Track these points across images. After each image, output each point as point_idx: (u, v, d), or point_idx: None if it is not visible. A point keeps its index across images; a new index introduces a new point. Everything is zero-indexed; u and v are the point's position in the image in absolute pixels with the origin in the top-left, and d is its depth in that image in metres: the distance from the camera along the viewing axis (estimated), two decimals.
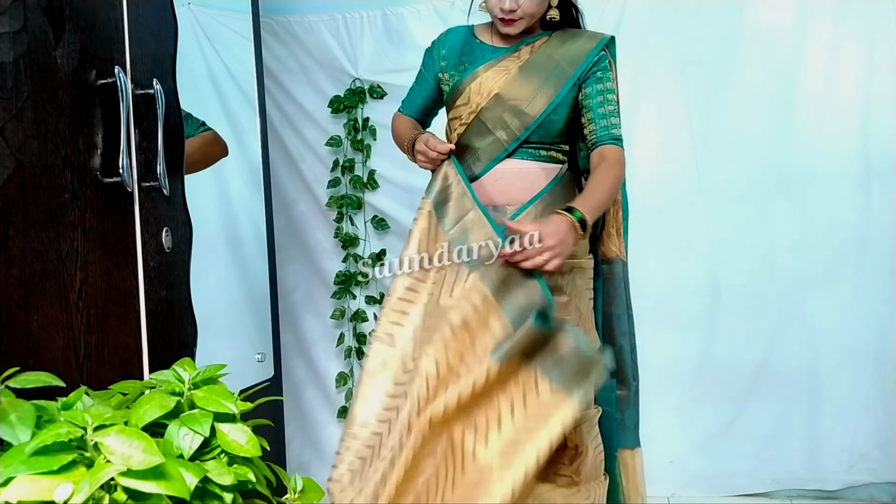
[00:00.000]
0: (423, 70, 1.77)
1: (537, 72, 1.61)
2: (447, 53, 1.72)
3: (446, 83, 1.70)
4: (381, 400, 1.43)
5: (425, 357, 1.36)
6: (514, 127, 1.61)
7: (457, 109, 1.68)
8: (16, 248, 1.01)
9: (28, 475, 0.66)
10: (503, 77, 1.62)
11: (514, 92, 1.61)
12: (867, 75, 2.43)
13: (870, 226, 2.44)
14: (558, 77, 1.60)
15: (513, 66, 1.63)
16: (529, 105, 1.60)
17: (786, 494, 2.48)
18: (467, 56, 1.68)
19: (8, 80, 1.02)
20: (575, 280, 1.59)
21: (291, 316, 2.85)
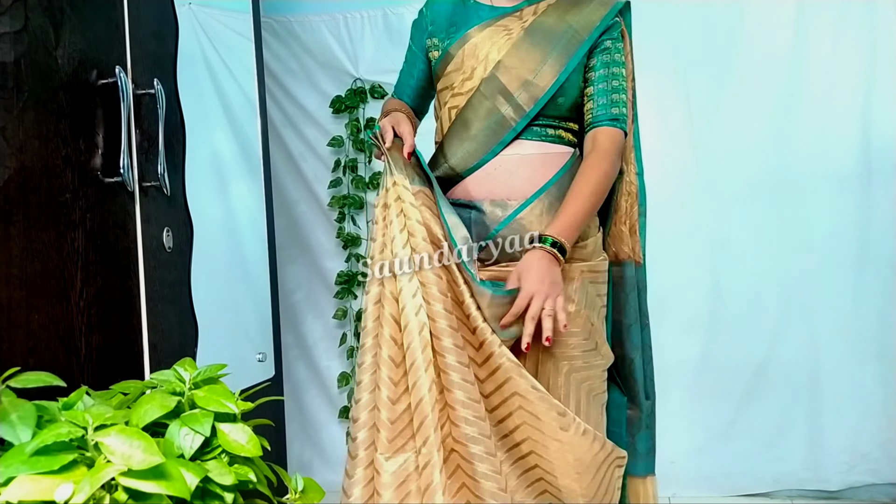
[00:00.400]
0: (411, 45, 1.56)
1: (546, 36, 1.38)
2: (435, 18, 1.51)
3: (435, 48, 1.48)
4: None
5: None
6: (522, 101, 1.38)
7: (447, 77, 1.45)
8: (16, 248, 1.01)
9: (29, 475, 0.66)
10: (504, 40, 1.40)
11: (521, 59, 1.38)
12: (867, 75, 2.43)
13: (870, 226, 2.44)
14: (569, 42, 1.38)
15: (515, 27, 1.41)
16: (539, 75, 1.37)
17: (786, 495, 2.48)
18: (459, 17, 1.47)
19: (9, 80, 1.02)
20: (585, 286, 1.39)
21: (293, 316, 2.85)
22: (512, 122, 1.39)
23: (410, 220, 1.33)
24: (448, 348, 1.27)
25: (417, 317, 1.29)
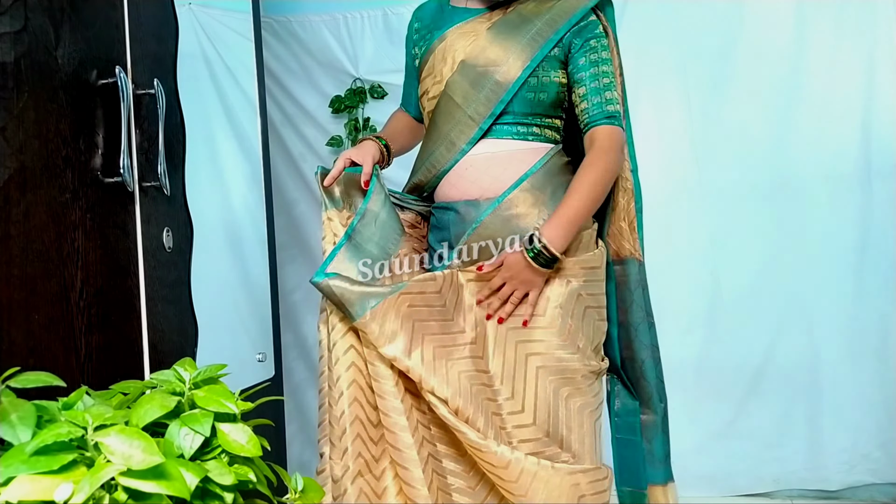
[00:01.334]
0: (406, 49, 1.59)
1: (510, 32, 1.36)
2: (420, 25, 1.53)
3: (417, 56, 1.50)
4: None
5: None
6: (486, 98, 1.36)
7: (423, 83, 1.46)
8: (16, 248, 1.01)
9: (28, 475, 0.66)
10: (470, 40, 1.39)
11: (485, 57, 1.36)
12: (867, 75, 2.43)
13: (870, 226, 2.44)
14: (535, 37, 1.36)
15: (481, 27, 1.39)
16: (501, 72, 1.35)
17: (787, 494, 2.48)
18: (439, 21, 1.47)
19: (9, 80, 1.02)
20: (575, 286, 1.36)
21: (292, 316, 2.85)
22: (478, 119, 1.37)
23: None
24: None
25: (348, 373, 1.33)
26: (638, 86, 2.58)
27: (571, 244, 1.34)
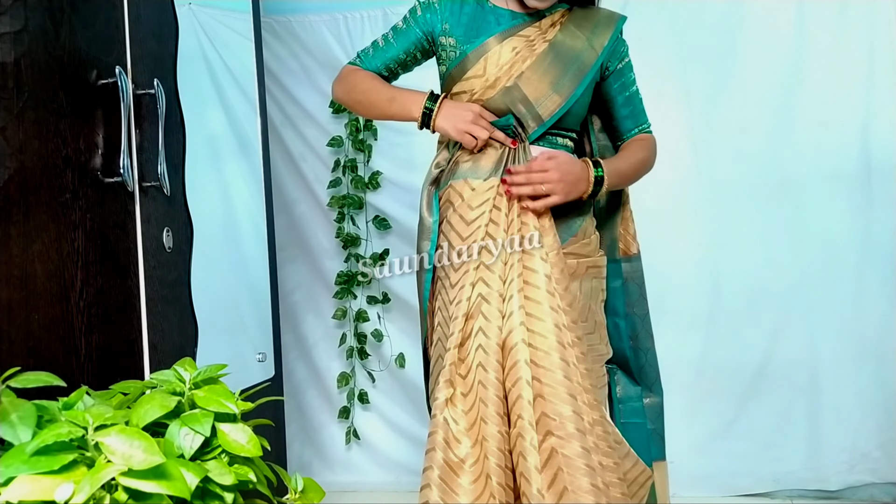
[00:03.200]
0: (412, 22, 1.55)
1: (564, 58, 1.46)
2: (452, 12, 1.52)
3: (451, 48, 1.50)
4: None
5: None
6: (541, 112, 1.46)
7: (467, 82, 1.49)
8: (16, 248, 1.01)
9: (29, 475, 0.66)
10: (528, 52, 1.46)
11: (542, 74, 1.45)
12: (867, 75, 2.43)
13: (870, 226, 2.44)
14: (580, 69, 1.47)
15: (538, 41, 1.47)
16: (554, 92, 1.45)
17: (787, 494, 2.48)
18: (479, 21, 1.49)
19: (9, 79, 1.02)
20: (590, 281, 1.50)
21: (292, 316, 2.85)
22: (531, 129, 1.48)
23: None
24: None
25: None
26: (638, 85, 2.58)
27: (583, 247, 1.51)
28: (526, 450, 1.28)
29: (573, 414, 1.29)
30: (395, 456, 2.78)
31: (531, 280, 1.37)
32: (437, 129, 1.47)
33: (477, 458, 1.31)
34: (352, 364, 2.82)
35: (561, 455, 1.27)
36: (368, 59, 1.58)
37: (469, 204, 1.45)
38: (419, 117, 1.47)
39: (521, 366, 1.31)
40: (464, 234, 1.44)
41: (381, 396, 2.81)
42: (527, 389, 1.30)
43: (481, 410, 1.33)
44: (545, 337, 1.33)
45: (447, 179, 1.51)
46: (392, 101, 1.52)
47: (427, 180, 1.54)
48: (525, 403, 1.29)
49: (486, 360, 1.34)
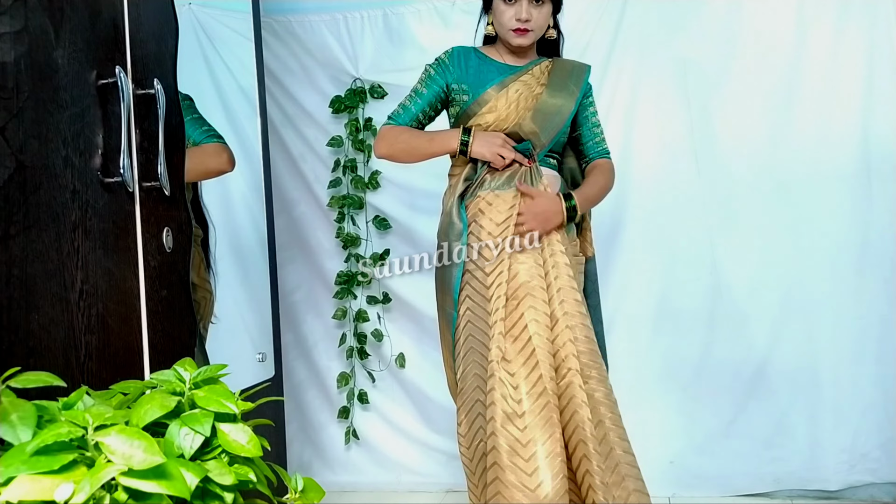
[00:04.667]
0: (429, 81, 1.92)
1: (554, 104, 1.88)
2: (459, 66, 1.91)
3: (464, 93, 1.89)
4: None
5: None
6: (543, 139, 1.87)
7: (482, 117, 1.87)
8: (16, 248, 1.01)
9: (29, 475, 0.66)
10: (527, 93, 1.88)
11: (544, 113, 1.87)
12: (867, 75, 2.43)
13: (870, 226, 2.44)
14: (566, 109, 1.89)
15: (534, 84, 1.89)
16: (552, 125, 1.88)
17: (786, 494, 2.48)
18: (485, 71, 1.89)
19: (9, 79, 1.02)
20: (577, 275, 1.86)
21: (292, 316, 2.85)
22: (538, 151, 1.88)
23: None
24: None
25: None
26: (638, 86, 2.59)
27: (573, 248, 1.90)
28: (576, 390, 1.69)
29: (596, 365, 1.74)
30: (395, 456, 2.78)
31: (560, 269, 1.79)
32: (474, 154, 1.84)
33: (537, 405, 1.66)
34: (352, 364, 2.82)
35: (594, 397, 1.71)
36: (400, 117, 1.93)
37: (498, 209, 1.82)
38: (457, 147, 1.85)
39: (564, 332, 1.74)
40: (494, 233, 1.80)
41: (381, 396, 2.81)
42: (572, 347, 1.72)
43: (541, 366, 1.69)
44: (573, 313, 1.75)
45: (475, 192, 1.86)
46: (432, 141, 1.89)
47: (456, 192, 1.87)
48: (572, 358, 1.71)
49: (540, 329, 1.72)
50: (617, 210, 2.58)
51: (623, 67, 2.59)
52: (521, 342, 1.72)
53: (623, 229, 2.60)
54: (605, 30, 2.58)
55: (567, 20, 2.25)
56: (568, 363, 1.72)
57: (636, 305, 2.59)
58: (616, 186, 2.46)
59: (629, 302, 2.57)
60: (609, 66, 2.58)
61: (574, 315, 1.76)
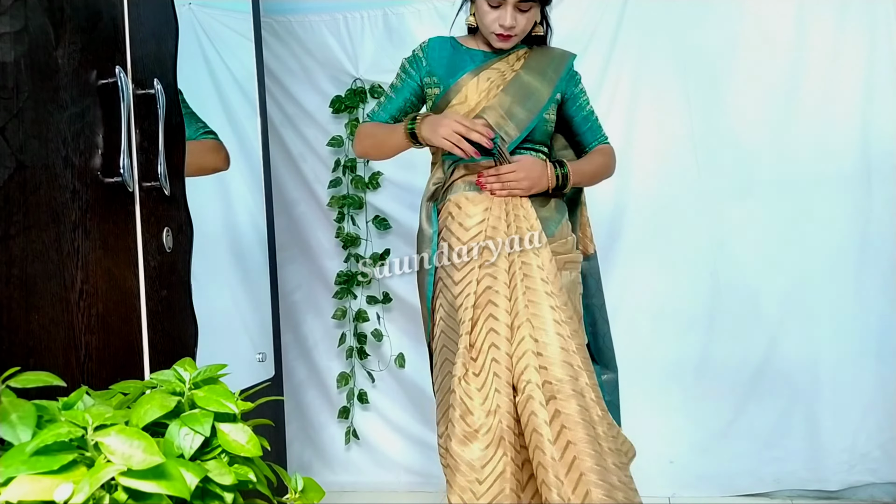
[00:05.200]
0: (404, 76, 1.84)
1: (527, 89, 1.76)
2: (432, 60, 1.82)
3: (435, 85, 1.80)
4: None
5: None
6: (516, 125, 1.73)
7: (451, 108, 1.76)
8: (16, 248, 1.01)
9: (28, 475, 0.66)
10: (500, 80, 1.76)
11: (512, 95, 1.74)
12: (867, 75, 2.43)
13: (870, 226, 2.44)
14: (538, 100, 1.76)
15: (507, 71, 1.77)
16: (523, 111, 1.74)
17: (787, 494, 2.48)
18: (458, 60, 1.80)
19: (9, 80, 1.02)
20: (570, 274, 1.75)
21: (292, 316, 2.85)
22: (508, 139, 1.73)
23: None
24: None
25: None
26: (638, 86, 2.59)
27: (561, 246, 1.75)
28: (536, 408, 1.54)
29: (570, 378, 1.56)
30: (395, 456, 2.78)
31: (529, 272, 1.64)
32: (423, 139, 1.69)
33: (489, 426, 1.56)
34: (351, 364, 2.82)
35: (563, 414, 1.54)
36: (377, 115, 1.87)
37: (466, 213, 1.71)
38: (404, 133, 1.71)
39: (526, 341, 1.59)
40: (463, 239, 1.69)
41: (380, 396, 2.81)
42: (533, 359, 1.57)
43: (495, 382, 1.57)
44: (543, 318, 1.60)
45: (445, 195, 1.76)
46: (392, 132, 1.77)
47: (425, 196, 1.78)
48: (532, 370, 1.56)
49: (498, 340, 1.60)
50: (617, 210, 2.58)
51: (623, 67, 2.59)
52: (482, 356, 1.60)
53: (623, 229, 2.60)
54: (605, 30, 2.58)
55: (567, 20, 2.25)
56: (527, 376, 1.57)
57: (636, 305, 2.59)
58: (616, 186, 2.45)
59: (629, 302, 2.57)
60: (609, 66, 2.58)
61: (544, 322, 1.60)
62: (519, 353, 1.59)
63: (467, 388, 1.58)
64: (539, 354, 1.57)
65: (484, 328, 1.61)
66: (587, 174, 1.83)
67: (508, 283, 1.64)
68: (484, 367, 1.59)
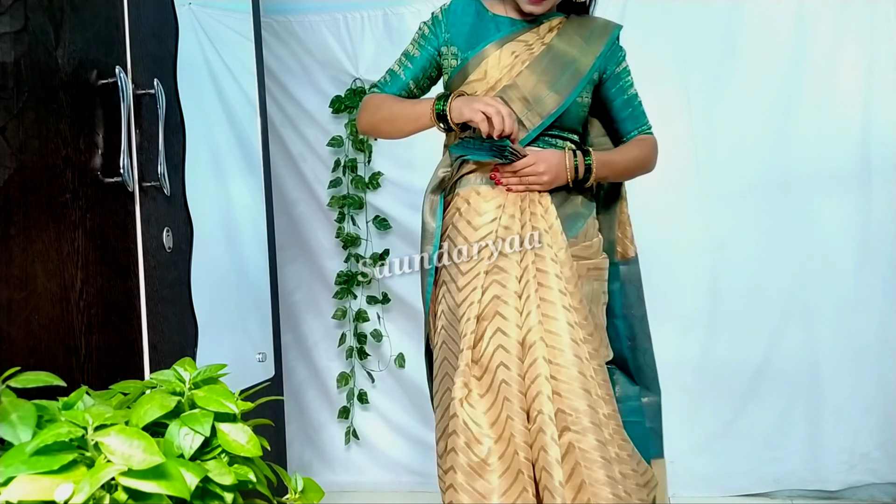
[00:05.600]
0: (423, 42, 1.60)
1: (559, 62, 1.52)
2: (452, 26, 1.57)
3: (453, 56, 1.56)
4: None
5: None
6: (539, 112, 1.50)
7: (469, 85, 1.54)
8: (16, 248, 1.01)
9: (29, 475, 0.66)
10: (527, 54, 1.52)
11: (539, 74, 1.50)
12: (867, 75, 2.43)
13: (870, 226, 2.44)
14: (573, 75, 1.52)
15: (536, 44, 1.53)
16: (550, 95, 1.50)
17: (787, 495, 2.48)
18: (481, 28, 1.56)
19: (9, 80, 1.02)
20: (591, 283, 1.53)
21: (292, 316, 2.85)
22: (529, 127, 1.51)
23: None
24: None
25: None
26: (638, 86, 2.58)
27: (584, 250, 1.52)
28: (547, 444, 1.31)
29: (588, 408, 1.33)
30: (395, 456, 2.78)
31: (544, 281, 1.40)
32: (453, 120, 1.47)
33: (502, 454, 1.34)
34: (351, 364, 2.82)
35: (578, 449, 1.31)
36: (387, 86, 1.62)
37: (476, 209, 1.49)
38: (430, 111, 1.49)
39: (539, 363, 1.34)
40: (472, 238, 1.47)
41: (380, 396, 2.81)
42: (546, 385, 1.33)
43: (506, 407, 1.35)
44: (559, 335, 1.36)
45: (454, 188, 1.55)
46: (413, 107, 1.54)
47: (430, 187, 1.56)
48: (545, 399, 1.32)
49: (508, 359, 1.36)
50: None
51: None
52: (489, 375, 1.37)
53: None
54: None
55: None
56: (538, 405, 1.33)
57: None
58: None
59: None
60: None
61: (561, 342, 1.36)
62: (531, 375, 1.35)
63: (472, 412, 1.36)
64: (553, 378, 1.34)
65: (491, 344, 1.38)
66: (618, 167, 1.57)
67: (521, 294, 1.41)
68: (492, 388, 1.37)
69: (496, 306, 1.40)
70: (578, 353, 1.36)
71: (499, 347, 1.37)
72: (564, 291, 1.39)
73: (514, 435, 1.34)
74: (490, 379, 1.37)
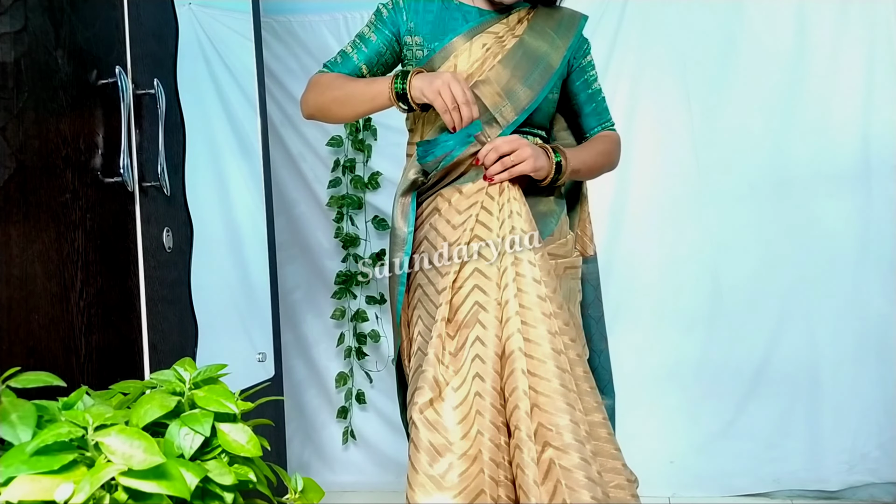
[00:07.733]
0: (379, 25, 1.52)
1: (531, 58, 1.46)
2: (416, 11, 1.50)
3: (418, 48, 1.49)
4: None
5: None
6: (513, 108, 1.44)
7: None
8: (16, 248, 1.01)
9: (29, 475, 0.66)
10: (498, 47, 1.46)
11: (512, 69, 1.44)
12: (867, 75, 2.43)
13: (870, 226, 2.44)
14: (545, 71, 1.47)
15: (507, 37, 1.48)
16: (524, 90, 1.44)
17: (786, 495, 2.48)
18: (447, 17, 1.48)
19: (9, 80, 1.02)
20: (568, 282, 1.49)
21: (292, 316, 2.85)
22: (503, 123, 1.44)
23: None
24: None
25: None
26: (638, 86, 2.59)
27: (560, 248, 1.48)
28: (524, 462, 1.24)
29: (570, 423, 1.24)
30: (395, 456, 2.78)
31: (523, 286, 1.32)
32: (413, 98, 1.38)
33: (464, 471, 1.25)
34: (350, 364, 2.82)
35: (559, 467, 1.22)
36: (336, 66, 1.53)
37: (456, 208, 1.42)
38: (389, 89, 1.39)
39: (517, 375, 1.27)
40: (450, 238, 1.39)
41: (379, 396, 2.81)
42: (524, 400, 1.25)
43: (477, 421, 1.26)
44: (539, 345, 1.29)
45: (434, 187, 1.47)
46: (367, 86, 1.44)
47: (400, 189, 1.46)
48: (522, 414, 1.25)
49: (484, 370, 1.28)
50: (616, 210, 2.58)
51: (623, 67, 2.59)
52: (466, 386, 1.28)
53: (622, 229, 2.60)
54: (605, 30, 2.58)
55: None
56: (515, 420, 1.26)
57: (636, 305, 2.59)
58: (615, 186, 2.44)
59: (629, 302, 2.57)
60: (609, 66, 2.58)
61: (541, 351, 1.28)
62: (509, 388, 1.28)
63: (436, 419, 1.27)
64: (533, 391, 1.26)
65: (469, 355, 1.30)
66: (587, 164, 1.50)
67: (500, 300, 1.33)
68: (466, 402, 1.27)
69: (477, 313, 1.32)
70: (560, 364, 1.27)
71: (476, 357, 1.29)
72: (544, 297, 1.31)
73: (481, 451, 1.25)
74: (466, 390, 1.28)
